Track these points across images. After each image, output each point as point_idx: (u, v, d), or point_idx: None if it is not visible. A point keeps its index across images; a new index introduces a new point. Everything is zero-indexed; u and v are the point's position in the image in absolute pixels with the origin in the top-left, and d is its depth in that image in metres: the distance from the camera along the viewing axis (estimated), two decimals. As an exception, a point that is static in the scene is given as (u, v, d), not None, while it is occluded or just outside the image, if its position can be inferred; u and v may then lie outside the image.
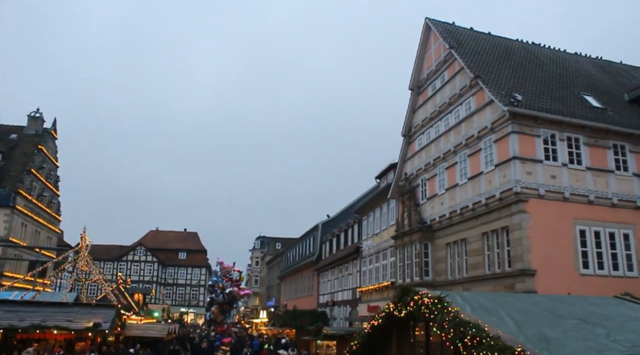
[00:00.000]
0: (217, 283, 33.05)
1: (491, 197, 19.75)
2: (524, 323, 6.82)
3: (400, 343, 9.62)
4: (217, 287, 32.88)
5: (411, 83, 27.42)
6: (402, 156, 28.30)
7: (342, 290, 40.48)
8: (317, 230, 51.54)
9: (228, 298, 33.32)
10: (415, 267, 24.33)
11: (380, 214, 33.15)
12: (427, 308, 7.24)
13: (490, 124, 20.22)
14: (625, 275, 18.78)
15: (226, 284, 33.70)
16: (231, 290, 33.47)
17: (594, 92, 22.72)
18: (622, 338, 6.40)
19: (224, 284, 33.39)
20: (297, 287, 57.67)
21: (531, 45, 26.61)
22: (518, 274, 17.85)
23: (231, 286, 33.86)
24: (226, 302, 33.46)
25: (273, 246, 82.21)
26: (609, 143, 20.19)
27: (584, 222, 18.84)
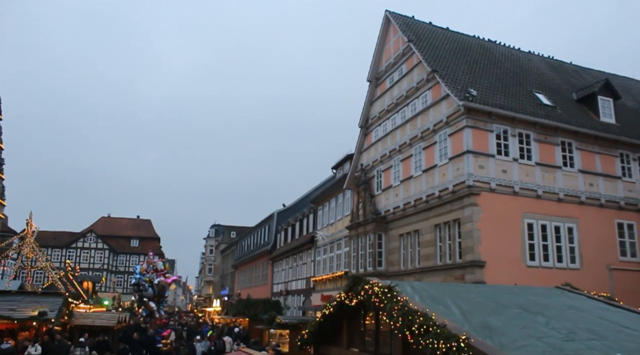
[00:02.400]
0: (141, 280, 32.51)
1: (444, 190, 20.12)
2: (470, 312, 7.00)
3: (350, 331, 9.71)
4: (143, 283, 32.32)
5: (369, 75, 27.56)
6: (358, 147, 28.48)
7: (296, 280, 40.58)
8: (272, 219, 51.41)
9: (158, 289, 32.87)
10: (368, 257, 24.60)
11: (335, 204, 33.33)
12: (377, 297, 7.33)
13: (446, 118, 20.56)
14: (568, 267, 19.51)
15: (152, 276, 33.17)
16: (159, 281, 32.98)
17: (545, 91, 23.37)
18: (559, 326, 6.66)
19: (151, 277, 32.85)
20: (251, 276, 57.47)
21: (487, 42, 27.10)
22: (468, 265, 18.29)
23: (158, 277, 33.34)
24: (157, 294, 33.00)
25: (228, 235, 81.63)
26: (558, 140, 20.84)
27: (532, 215, 19.43)
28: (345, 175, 30.07)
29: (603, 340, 6.22)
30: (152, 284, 32.17)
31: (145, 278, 32.53)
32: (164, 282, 33.51)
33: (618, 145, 21.95)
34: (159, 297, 33.58)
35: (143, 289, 31.67)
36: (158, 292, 32.99)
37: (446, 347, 5.43)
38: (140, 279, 32.47)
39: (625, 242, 21.10)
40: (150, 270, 33.47)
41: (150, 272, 33.18)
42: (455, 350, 5.30)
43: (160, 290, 33.18)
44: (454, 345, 5.33)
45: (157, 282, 32.46)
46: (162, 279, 33.37)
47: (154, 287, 32.18)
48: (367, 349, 8.71)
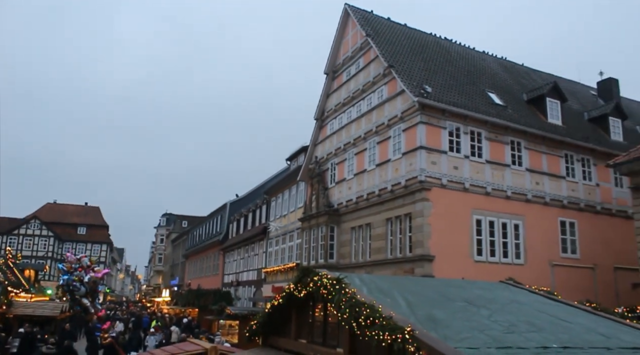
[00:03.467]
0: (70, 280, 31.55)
1: (397, 184, 20.36)
2: (416, 305, 7.10)
3: (299, 323, 9.70)
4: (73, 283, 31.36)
5: (327, 67, 27.56)
6: (313, 139, 28.47)
7: (248, 271, 40.38)
8: (225, 209, 50.95)
9: (90, 286, 32.00)
10: (320, 249, 24.68)
11: (289, 196, 33.28)
12: (326, 289, 7.34)
13: (400, 113, 20.77)
14: (513, 263, 20.11)
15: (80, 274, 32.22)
16: (90, 277, 32.11)
17: (497, 90, 23.93)
18: (502, 319, 6.84)
19: (79, 275, 31.92)
20: (202, 266, 56.88)
21: (443, 40, 27.50)
22: (418, 259, 18.59)
23: (86, 273, 32.46)
24: (90, 291, 32.14)
25: (179, 224, 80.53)
26: (508, 139, 21.39)
27: (480, 212, 19.91)
28: (300, 167, 30.04)
29: (541, 332, 6.44)
30: (82, 282, 31.12)
31: (74, 277, 31.45)
32: (95, 277, 32.53)
33: (563, 146, 22.72)
34: (92, 292, 32.60)
35: (75, 288, 30.60)
36: (90, 289, 32.01)
37: (391, 338, 5.48)
38: (69, 279, 31.35)
39: (567, 239, 21.92)
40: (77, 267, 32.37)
41: (78, 270, 32.09)
42: (400, 342, 5.36)
43: (92, 286, 32.19)
44: (399, 337, 5.38)
45: (87, 279, 31.44)
46: (92, 275, 32.39)
47: (85, 285, 31.15)
48: (315, 340, 8.72)
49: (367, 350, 6.37)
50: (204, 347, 14.45)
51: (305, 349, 8.87)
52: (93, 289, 32.56)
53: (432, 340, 5.32)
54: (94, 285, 32.38)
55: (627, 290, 21.62)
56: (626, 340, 6.56)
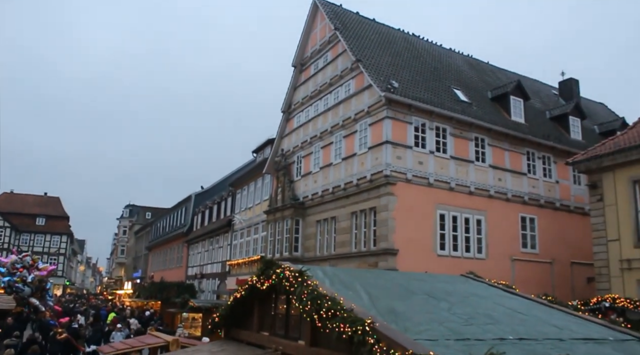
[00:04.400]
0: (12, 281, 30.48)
1: (362, 178, 20.47)
2: (378, 297, 7.16)
3: (261, 315, 9.68)
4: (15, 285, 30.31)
5: (295, 60, 27.44)
6: (280, 132, 28.37)
7: (212, 263, 40.10)
8: (189, 201, 50.42)
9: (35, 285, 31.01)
10: (285, 242, 24.66)
11: (254, 188, 33.13)
12: (288, 281, 7.33)
13: (367, 108, 20.85)
14: (475, 257, 20.49)
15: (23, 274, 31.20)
16: (34, 276, 31.14)
17: (462, 87, 24.25)
18: (461, 311, 6.97)
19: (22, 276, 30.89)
20: (165, 259, 56.25)
21: (411, 36, 27.68)
22: (382, 253, 18.76)
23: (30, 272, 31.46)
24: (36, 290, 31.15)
25: (143, 215, 79.35)
26: (472, 135, 21.72)
27: (444, 207, 20.19)
28: (266, 159, 29.91)
29: (498, 324, 6.59)
30: (25, 283, 30.09)
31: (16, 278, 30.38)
32: (39, 276, 31.56)
33: (526, 143, 23.21)
34: (41, 291, 31.59)
35: (18, 290, 29.57)
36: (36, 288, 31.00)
37: (352, 330, 5.52)
38: (10, 280, 30.29)
39: (527, 235, 22.45)
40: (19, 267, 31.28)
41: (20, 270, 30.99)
42: (360, 334, 5.40)
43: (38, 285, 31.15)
44: (359, 329, 5.42)
45: (31, 279, 30.47)
46: (37, 273, 31.40)
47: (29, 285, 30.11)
48: (277, 333, 8.72)
49: (328, 342, 6.40)
50: (166, 340, 14.31)
51: (267, 341, 8.86)
52: (40, 288, 31.42)
53: (391, 332, 5.37)
54: (40, 284, 31.24)
55: (582, 284, 22.28)
56: (578, 332, 6.78)
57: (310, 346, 7.10)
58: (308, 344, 7.17)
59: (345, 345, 5.74)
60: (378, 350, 5.09)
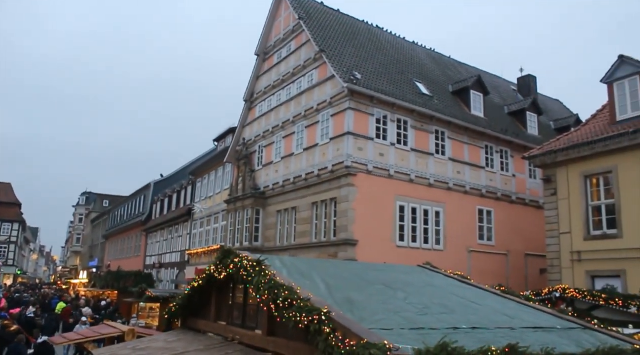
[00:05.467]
0: None
1: (324, 169, 20.50)
2: (335, 287, 7.19)
3: (219, 305, 9.60)
4: None
5: (258, 49, 27.19)
6: (242, 121, 28.13)
7: (171, 252, 39.62)
8: (149, 189, 49.61)
9: None
10: (245, 232, 24.53)
11: (215, 177, 32.81)
12: (246, 271, 7.28)
13: (330, 99, 20.86)
14: (433, 248, 20.83)
15: None
16: None
17: (424, 80, 24.50)
18: (417, 301, 7.07)
19: None
20: (123, 248, 55.32)
21: (375, 28, 27.76)
22: (342, 244, 18.87)
23: None
24: None
25: (100, 203, 77.71)
26: (432, 128, 22.00)
27: (404, 198, 20.43)
28: (227, 148, 29.63)
29: (452, 314, 6.72)
30: None
31: None
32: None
33: (484, 137, 23.66)
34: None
35: None
36: None
37: (308, 320, 5.52)
38: None
39: (484, 227, 22.95)
40: None
41: None
42: (316, 323, 5.41)
43: None
44: (316, 319, 5.43)
45: None
46: None
47: None
48: (235, 322, 8.66)
49: (285, 331, 6.40)
50: (121, 330, 14.08)
51: (224, 330, 8.80)
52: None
53: (347, 322, 5.40)
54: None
55: (535, 275, 22.96)
56: (528, 321, 6.99)
57: (267, 336, 7.08)
58: (265, 333, 7.15)
59: (302, 334, 5.74)
60: (333, 340, 5.11)
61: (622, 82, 17.72)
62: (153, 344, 9.92)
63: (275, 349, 6.96)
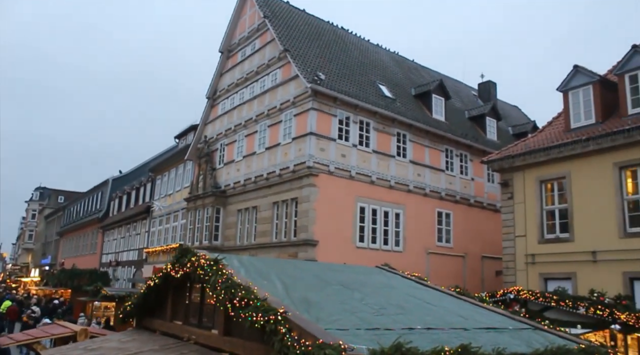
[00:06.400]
0: None
1: (285, 169, 20.45)
2: (293, 287, 7.18)
3: (175, 304, 9.46)
4: None
5: (222, 46, 26.93)
6: (204, 118, 27.82)
7: (128, 250, 38.87)
8: (106, 185, 48.56)
9: None
10: (205, 231, 24.25)
11: (175, 175, 32.35)
12: (203, 270, 7.19)
13: (293, 98, 20.82)
14: (393, 250, 21.03)
15: None
16: None
17: (387, 83, 24.72)
18: (373, 301, 7.12)
19: None
20: (78, 245, 53.99)
21: (340, 29, 27.86)
22: (302, 244, 18.85)
23: None
24: None
25: (55, 199, 75.65)
26: (394, 131, 22.22)
27: (365, 200, 20.56)
28: (188, 145, 29.25)
29: (407, 314, 6.80)
30: None
31: None
32: None
33: (445, 141, 24.04)
34: None
35: None
36: None
37: (264, 320, 5.49)
38: None
39: (442, 229, 23.31)
40: None
41: None
42: (272, 323, 5.39)
43: None
44: (272, 318, 5.41)
45: None
46: None
47: None
48: (191, 322, 8.56)
49: (241, 331, 6.35)
50: (73, 330, 13.68)
51: (180, 330, 8.67)
52: None
53: (303, 322, 5.39)
54: None
55: (491, 277, 23.44)
56: (481, 321, 7.13)
57: (223, 335, 7.02)
58: (221, 333, 7.09)
59: (258, 334, 5.71)
60: (289, 339, 5.10)
61: (576, 91, 18.28)
62: (106, 344, 9.70)
63: (231, 349, 6.90)
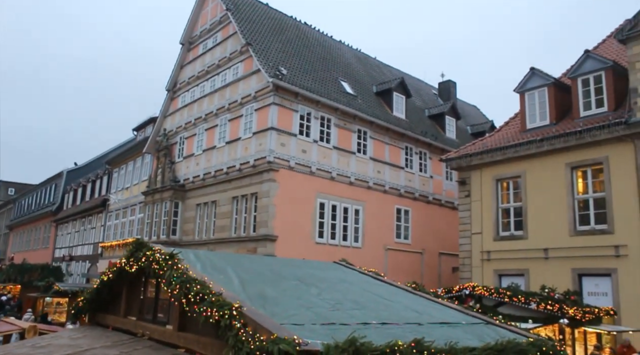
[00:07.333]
0: None
1: (245, 163, 20.31)
2: (249, 282, 7.13)
3: (129, 299, 9.29)
4: None
5: (183, 37, 26.51)
6: (163, 111, 27.35)
7: (83, 245, 37.94)
8: (60, 178, 47.20)
9: None
10: (163, 225, 23.89)
11: (133, 168, 31.73)
12: (158, 264, 7.07)
13: (254, 93, 20.68)
14: (352, 246, 21.17)
15: None
16: None
17: (349, 80, 24.82)
18: (329, 297, 7.14)
19: None
20: (30, 239, 52.36)
21: (303, 24, 27.78)
22: (261, 239, 18.78)
23: None
24: None
25: (5, 191, 73.13)
26: (355, 127, 22.33)
27: (325, 196, 20.61)
28: (147, 138, 28.71)
29: (363, 309, 6.84)
30: None
31: None
32: None
33: (405, 138, 24.31)
34: None
35: None
36: None
37: (219, 315, 5.44)
38: None
39: (401, 226, 23.60)
40: None
41: None
42: (227, 318, 5.34)
43: None
44: (227, 313, 5.36)
45: None
46: None
47: None
48: (145, 317, 8.41)
49: (196, 326, 6.28)
50: (21, 327, 13.29)
51: (134, 326, 8.52)
52: None
53: (258, 317, 5.36)
54: None
55: (448, 273, 23.91)
56: (435, 316, 7.24)
57: (178, 331, 6.93)
58: (175, 328, 6.99)
59: (213, 329, 5.65)
60: (244, 334, 5.06)
61: (532, 92, 18.77)
62: (55, 341, 9.44)
63: (185, 345, 6.82)
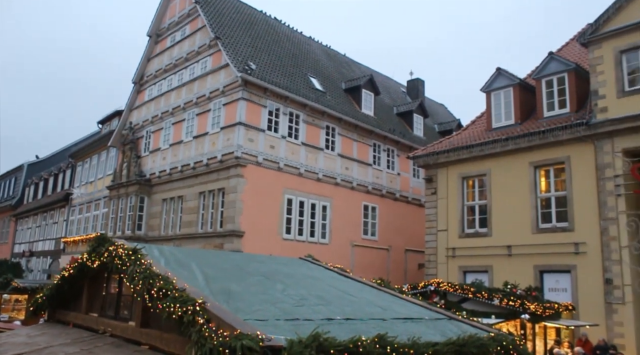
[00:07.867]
0: None
1: (213, 158, 20.13)
2: (213, 278, 7.08)
3: (91, 295, 9.12)
4: None
5: (150, 29, 26.08)
6: (129, 104, 26.88)
7: (44, 240, 37.06)
8: (21, 171, 45.96)
9: None
10: (128, 220, 23.50)
11: (97, 162, 31.11)
12: (121, 259, 6.96)
13: (223, 87, 20.50)
14: (319, 242, 21.22)
15: None
16: None
17: (319, 76, 24.83)
18: (294, 293, 7.15)
19: None
20: (-12, 234, 50.85)
21: (273, 19, 27.66)
22: (228, 235, 18.66)
23: None
24: None
25: (-37, 184, 70.72)
26: (324, 124, 22.36)
27: (292, 192, 20.59)
28: (112, 131, 28.19)
29: (328, 305, 6.86)
30: None
31: None
32: None
33: (373, 135, 24.46)
34: None
35: None
36: None
37: (182, 310, 5.38)
38: None
39: (368, 222, 23.75)
40: None
41: None
42: (190, 314, 5.29)
43: None
44: (190, 309, 5.31)
45: None
46: None
47: None
48: (107, 314, 8.27)
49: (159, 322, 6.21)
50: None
51: (95, 323, 8.36)
52: None
53: (222, 313, 5.32)
54: None
55: (414, 269, 24.18)
56: (399, 312, 7.32)
57: (141, 327, 6.84)
58: (138, 325, 6.90)
59: (176, 325, 5.59)
60: (207, 330, 5.02)
61: (498, 92, 19.10)
62: (12, 339, 9.19)
63: (148, 341, 6.73)
